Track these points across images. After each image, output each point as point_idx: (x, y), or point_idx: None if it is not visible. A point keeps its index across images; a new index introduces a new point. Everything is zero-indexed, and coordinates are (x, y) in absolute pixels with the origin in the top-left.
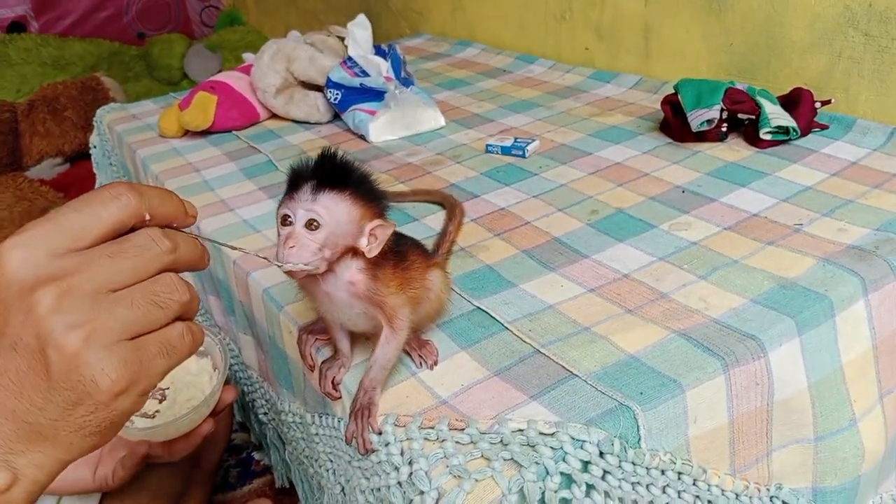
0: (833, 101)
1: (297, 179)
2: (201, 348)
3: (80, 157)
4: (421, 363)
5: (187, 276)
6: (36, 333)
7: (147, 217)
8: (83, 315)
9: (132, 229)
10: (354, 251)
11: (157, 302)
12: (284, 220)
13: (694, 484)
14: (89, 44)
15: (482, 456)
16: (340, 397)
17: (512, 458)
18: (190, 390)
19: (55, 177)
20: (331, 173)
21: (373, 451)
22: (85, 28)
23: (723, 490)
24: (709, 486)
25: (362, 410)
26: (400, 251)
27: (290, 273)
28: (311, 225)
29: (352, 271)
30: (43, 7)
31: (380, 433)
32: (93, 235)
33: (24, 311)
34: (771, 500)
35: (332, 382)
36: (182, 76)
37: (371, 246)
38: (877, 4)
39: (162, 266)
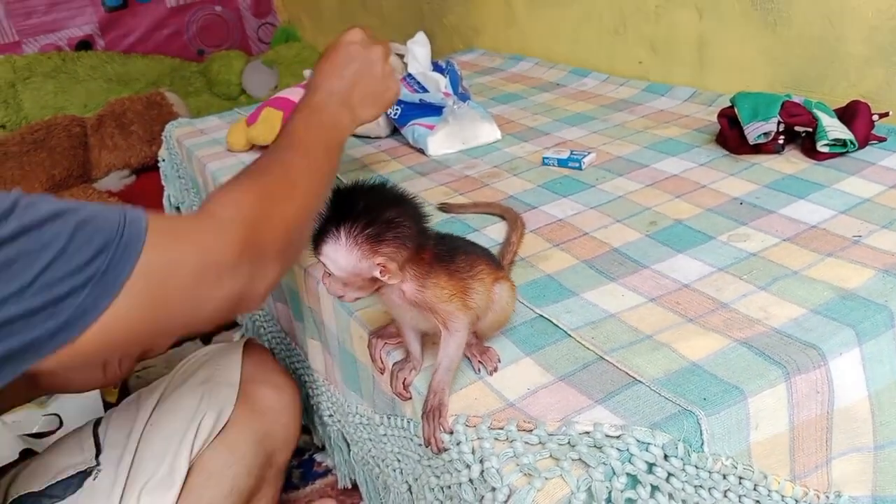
0: (890, 113)
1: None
2: None
3: (145, 169)
4: (479, 369)
5: None
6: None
7: None
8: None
9: None
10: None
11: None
12: None
13: (755, 489)
14: (151, 60)
15: (551, 456)
16: (411, 398)
17: (580, 459)
18: None
19: (122, 189)
20: (333, 220)
21: (446, 450)
22: (148, 45)
23: (783, 496)
24: (769, 491)
25: (433, 412)
26: (464, 260)
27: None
28: (328, 272)
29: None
30: (108, 26)
31: (451, 433)
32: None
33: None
34: None
35: (403, 384)
36: (240, 91)
37: (386, 276)
38: None
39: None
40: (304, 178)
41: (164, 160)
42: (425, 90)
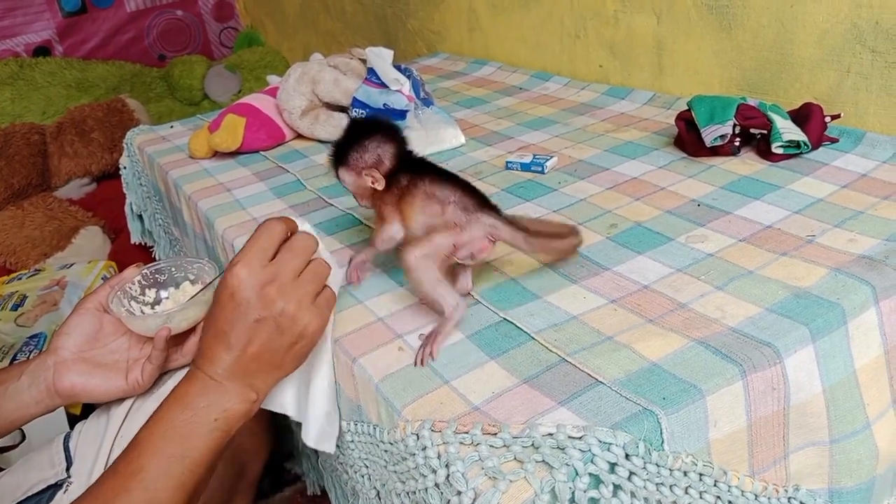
0: (842, 115)
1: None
2: (192, 277)
3: (106, 176)
4: (422, 359)
5: None
6: (270, 311)
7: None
8: (293, 294)
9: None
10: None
11: (319, 275)
12: None
13: (715, 485)
14: (112, 66)
15: (515, 458)
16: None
17: (543, 461)
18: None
19: (83, 196)
20: (340, 151)
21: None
22: (107, 50)
23: (742, 491)
24: (729, 486)
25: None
26: (424, 194)
27: None
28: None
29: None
30: (67, 31)
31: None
32: (275, 249)
33: (260, 300)
34: (789, 501)
35: (358, 263)
36: (202, 96)
37: (376, 184)
38: (883, 22)
39: (313, 253)
40: None
41: (125, 167)
42: (384, 85)
